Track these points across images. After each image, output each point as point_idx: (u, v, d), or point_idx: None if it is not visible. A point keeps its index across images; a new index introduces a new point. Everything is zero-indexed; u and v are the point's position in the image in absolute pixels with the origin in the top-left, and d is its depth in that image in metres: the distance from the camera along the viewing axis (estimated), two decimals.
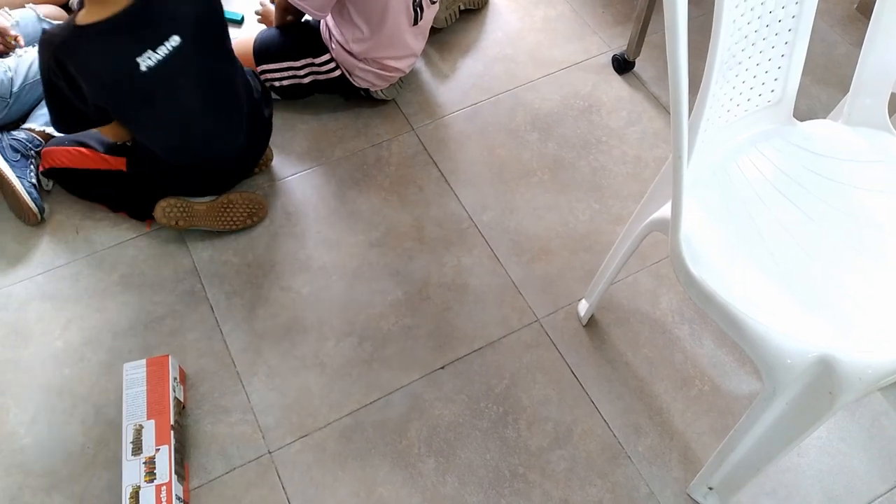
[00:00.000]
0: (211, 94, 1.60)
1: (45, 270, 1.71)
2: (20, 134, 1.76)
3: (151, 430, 1.41)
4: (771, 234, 1.16)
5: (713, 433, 1.49)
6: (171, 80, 1.49)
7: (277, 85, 1.91)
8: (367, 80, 1.88)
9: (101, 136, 1.66)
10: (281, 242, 1.76)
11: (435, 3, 1.90)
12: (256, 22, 2.13)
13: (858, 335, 1.05)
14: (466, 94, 2.03)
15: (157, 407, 1.44)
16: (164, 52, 1.45)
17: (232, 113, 1.67)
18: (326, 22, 1.83)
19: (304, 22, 1.91)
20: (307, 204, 1.82)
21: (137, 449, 1.40)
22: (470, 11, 2.20)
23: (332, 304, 1.66)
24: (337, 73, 1.88)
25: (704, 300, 1.10)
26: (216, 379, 1.56)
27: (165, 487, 1.36)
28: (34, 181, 1.74)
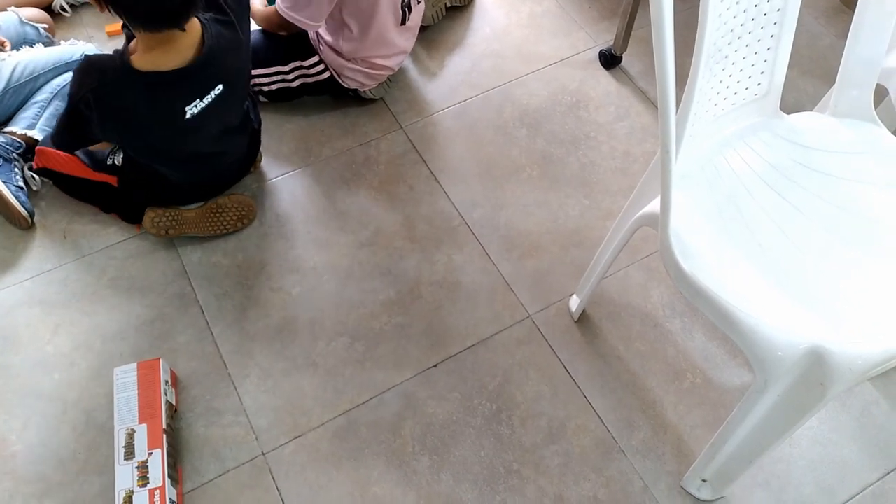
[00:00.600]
0: (229, 125, 1.63)
1: (33, 275, 1.69)
2: (0, 139, 1.74)
3: (143, 434, 1.41)
4: (760, 226, 1.16)
5: (706, 426, 1.49)
6: (205, 121, 1.51)
7: (266, 90, 1.91)
8: (356, 80, 1.87)
9: (95, 153, 1.68)
10: (271, 243, 1.75)
11: (420, 2, 1.90)
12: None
13: (848, 326, 1.05)
14: (454, 91, 2.03)
15: (148, 411, 1.43)
16: (208, 100, 1.47)
17: (241, 137, 1.71)
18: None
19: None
20: (296, 204, 1.82)
21: (130, 453, 1.39)
22: (456, 8, 2.20)
23: (323, 304, 1.66)
24: (326, 74, 1.87)
25: (695, 294, 1.10)
26: (208, 381, 1.56)
27: (159, 491, 1.35)
28: (20, 184, 1.73)
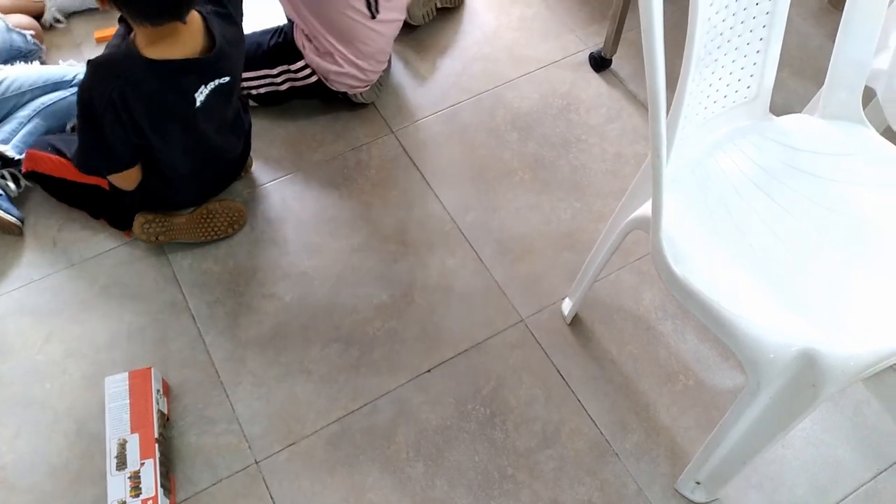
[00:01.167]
0: (228, 117, 1.63)
1: (22, 284, 1.68)
2: None
3: (136, 444, 1.40)
4: (750, 229, 1.17)
5: (699, 427, 1.50)
6: (210, 110, 1.51)
7: (255, 93, 1.90)
8: (343, 83, 1.87)
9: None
10: (262, 249, 1.74)
11: None
12: None
13: (840, 327, 1.06)
14: (445, 94, 2.03)
15: (140, 420, 1.42)
16: (212, 86, 1.47)
17: (237, 135, 1.71)
18: (300, 28, 1.82)
19: (279, 29, 1.89)
20: (288, 210, 1.81)
21: (122, 463, 1.38)
22: (447, 10, 2.20)
23: (316, 310, 1.65)
24: (313, 78, 1.87)
25: (687, 297, 1.11)
26: (200, 389, 1.55)
27: (152, 501, 1.34)
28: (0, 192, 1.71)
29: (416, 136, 1.95)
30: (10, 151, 1.73)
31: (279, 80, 1.88)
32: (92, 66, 1.38)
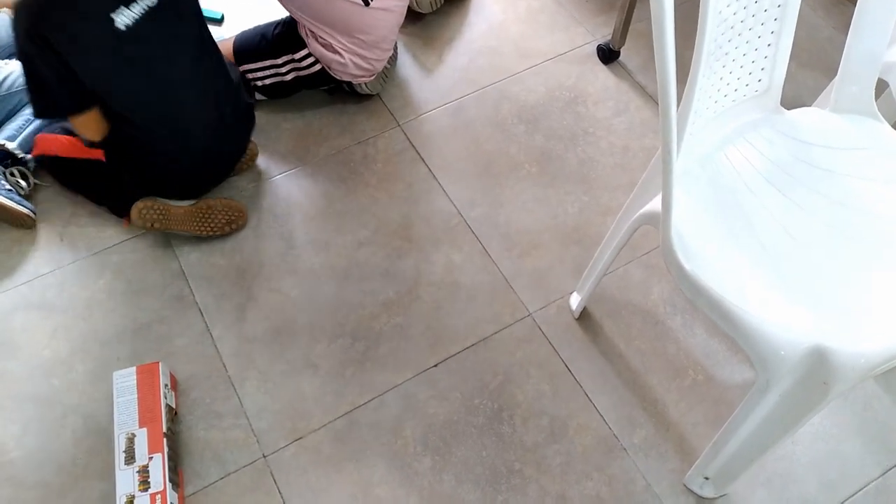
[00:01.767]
0: (190, 65, 1.56)
1: (29, 279, 1.68)
2: None
3: (144, 438, 1.40)
4: (761, 224, 1.16)
5: (707, 423, 1.49)
6: (148, 42, 1.45)
7: (260, 84, 1.89)
8: (346, 72, 1.85)
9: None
10: (269, 244, 1.74)
11: None
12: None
13: (851, 324, 1.05)
14: (452, 87, 2.02)
15: (148, 415, 1.42)
16: (138, 10, 1.42)
17: (210, 88, 1.63)
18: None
19: (284, 20, 1.88)
20: (294, 204, 1.81)
21: (130, 458, 1.38)
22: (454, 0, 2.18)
23: (322, 305, 1.65)
24: (317, 67, 1.85)
25: (697, 294, 1.10)
26: (208, 384, 1.55)
27: (160, 496, 1.34)
28: (8, 188, 1.71)
29: (422, 129, 1.94)
30: (16, 149, 1.73)
31: (284, 69, 1.87)
32: (13, 8, 1.36)
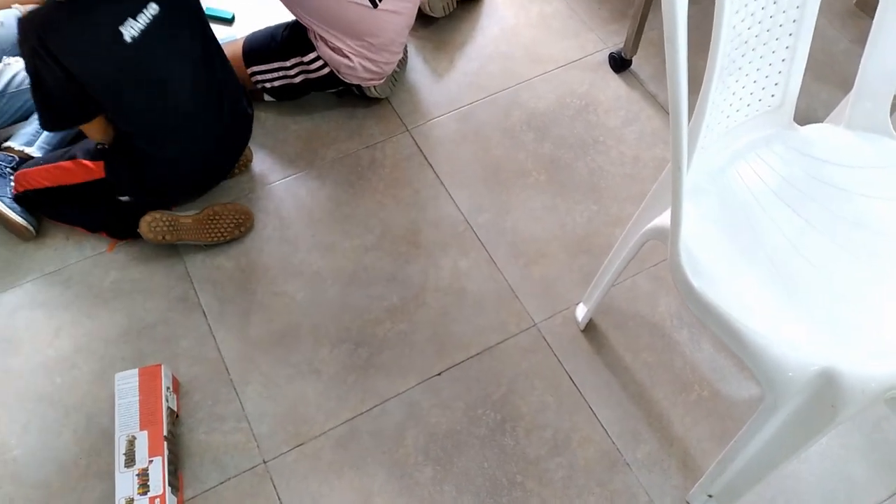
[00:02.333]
0: (192, 70, 1.56)
1: (35, 277, 1.68)
2: None
3: (144, 441, 1.40)
4: (772, 242, 1.14)
5: (713, 439, 1.47)
6: (153, 52, 1.45)
7: (269, 86, 1.88)
8: (355, 75, 1.84)
9: (85, 144, 1.63)
10: (274, 247, 1.73)
11: None
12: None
13: (861, 347, 1.03)
14: (462, 93, 2.01)
15: (150, 417, 1.42)
16: (144, 20, 1.42)
17: (213, 92, 1.63)
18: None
19: (293, 22, 1.87)
20: (301, 207, 1.80)
21: (130, 461, 1.38)
22: (467, 2, 2.17)
23: (326, 309, 1.64)
24: (326, 70, 1.85)
25: (704, 311, 1.08)
26: (210, 387, 1.54)
27: (159, 499, 1.34)
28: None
29: (430, 134, 1.92)
30: (35, 152, 1.74)
31: (293, 72, 1.86)
32: (18, 23, 1.37)
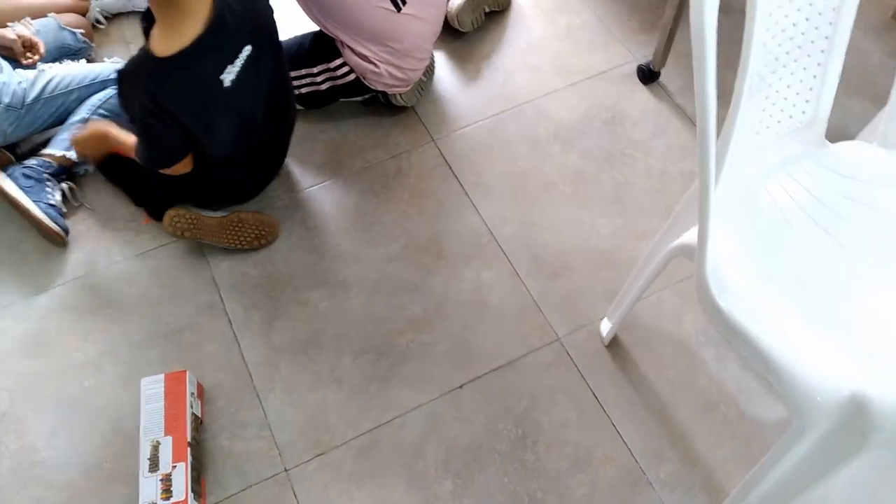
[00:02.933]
0: (269, 92, 1.61)
1: (65, 281, 1.71)
2: (31, 161, 1.76)
3: (168, 446, 1.41)
4: (801, 262, 1.12)
5: (737, 460, 1.45)
6: (246, 90, 1.51)
7: (296, 94, 1.90)
8: (381, 81, 1.85)
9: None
10: (300, 255, 1.75)
11: None
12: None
13: (893, 372, 1.00)
14: (488, 103, 2.00)
15: (174, 423, 1.43)
16: (240, 63, 1.46)
17: (281, 108, 1.69)
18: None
19: (318, 31, 1.89)
20: (326, 216, 1.81)
21: (154, 465, 1.39)
22: (494, 13, 2.17)
23: (350, 318, 1.65)
24: (352, 76, 1.86)
25: (731, 332, 1.07)
26: (234, 393, 1.56)
27: None
28: (52, 202, 1.74)
29: (456, 145, 1.93)
30: (74, 157, 1.78)
31: (319, 79, 1.88)
32: (119, 77, 1.45)
